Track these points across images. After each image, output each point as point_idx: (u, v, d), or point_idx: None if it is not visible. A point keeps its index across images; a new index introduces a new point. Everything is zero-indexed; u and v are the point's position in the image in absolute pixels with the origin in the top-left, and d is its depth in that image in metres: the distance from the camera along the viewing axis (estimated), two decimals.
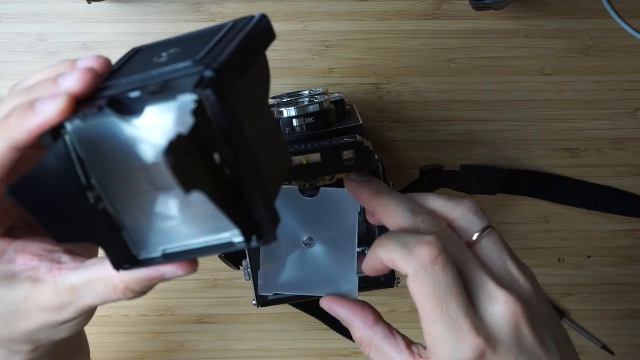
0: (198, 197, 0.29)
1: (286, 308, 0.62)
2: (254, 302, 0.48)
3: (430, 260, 0.37)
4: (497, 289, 0.38)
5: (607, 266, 0.65)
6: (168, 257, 0.34)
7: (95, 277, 0.35)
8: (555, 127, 0.63)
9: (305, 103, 0.50)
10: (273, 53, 0.65)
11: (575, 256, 0.65)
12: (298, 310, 0.63)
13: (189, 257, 0.33)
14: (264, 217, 0.32)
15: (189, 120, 0.29)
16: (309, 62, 0.62)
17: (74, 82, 0.33)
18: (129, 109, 0.31)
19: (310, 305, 0.62)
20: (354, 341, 0.43)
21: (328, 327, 0.63)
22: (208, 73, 0.31)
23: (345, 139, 0.45)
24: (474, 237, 0.40)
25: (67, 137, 0.32)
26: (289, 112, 0.49)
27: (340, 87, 0.62)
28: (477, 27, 0.62)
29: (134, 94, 0.31)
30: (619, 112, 0.63)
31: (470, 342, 0.37)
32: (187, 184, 0.28)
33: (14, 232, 0.38)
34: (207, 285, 0.66)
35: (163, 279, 0.34)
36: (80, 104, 0.33)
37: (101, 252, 0.34)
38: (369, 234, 0.47)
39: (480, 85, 0.63)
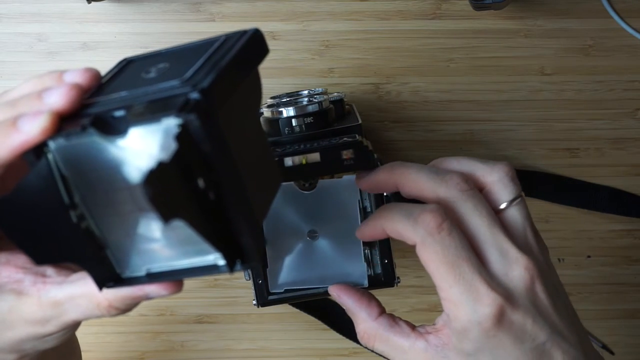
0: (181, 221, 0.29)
1: (286, 308, 0.62)
2: (254, 302, 0.48)
3: (436, 227, 0.38)
4: (518, 253, 0.39)
5: (607, 266, 0.65)
6: (152, 277, 0.33)
7: (80, 293, 0.35)
8: (555, 127, 0.63)
9: (305, 103, 0.51)
10: (273, 53, 0.65)
11: (575, 256, 0.65)
12: (298, 310, 0.63)
13: (173, 278, 0.33)
14: (249, 242, 0.31)
15: (173, 145, 0.28)
16: (309, 62, 0.62)
17: (58, 99, 0.32)
18: (114, 128, 0.30)
19: (310, 305, 0.62)
20: (353, 341, 0.42)
21: (328, 327, 0.62)
22: (194, 95, 0.30)
23: (345, 139, 0.45)
24: (504, 205, 0.40)
25: (50, 155, 0.31)
26: (288, 112, 0.49)
27: (340, 87, 0.62)
28: (477, 27, 0.62)
29: (119, 114, 0.30)
30: (619, 112, 0.63)
31: (489, 300, 0.37)
32: (167, 215, 0.27)
33: None
34: (207, 285, 0.66)
35: (147, 298, 0.34)
36: (65, 120, 0.32)
37: None
38: None
39: (480, 85, 0.63)
